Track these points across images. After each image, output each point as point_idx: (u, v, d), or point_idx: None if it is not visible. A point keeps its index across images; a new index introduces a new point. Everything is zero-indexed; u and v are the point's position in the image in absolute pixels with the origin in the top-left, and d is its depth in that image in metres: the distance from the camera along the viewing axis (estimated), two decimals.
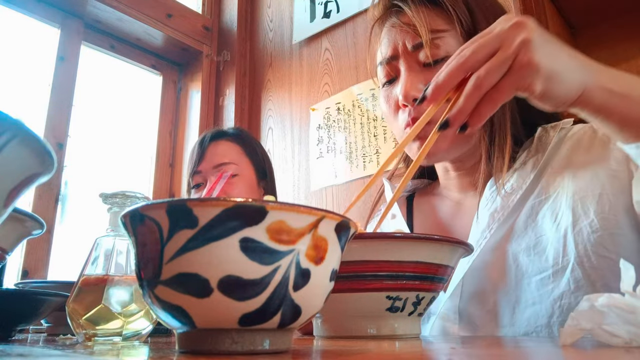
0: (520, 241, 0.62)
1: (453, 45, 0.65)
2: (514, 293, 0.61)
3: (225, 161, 1.18)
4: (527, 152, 0.66)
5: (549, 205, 0.62)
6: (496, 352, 0.35)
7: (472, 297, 0.64)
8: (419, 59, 0.66)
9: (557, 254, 0.58)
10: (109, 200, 0.53)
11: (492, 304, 0.63)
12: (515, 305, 0.61)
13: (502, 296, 0.62)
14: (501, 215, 0.63)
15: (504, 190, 0.64)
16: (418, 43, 0.65)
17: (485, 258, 0.64)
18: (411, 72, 0.66)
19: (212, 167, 1.18)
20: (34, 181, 0.27)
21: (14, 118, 0.23)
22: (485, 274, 0.64)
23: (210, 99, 2.13)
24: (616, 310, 0.33)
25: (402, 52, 0.67)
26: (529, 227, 0.62)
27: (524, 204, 0.64)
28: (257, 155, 1.26)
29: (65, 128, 1.72)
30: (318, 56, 1.91)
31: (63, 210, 1.69)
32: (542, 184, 0.64)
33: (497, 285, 0.63)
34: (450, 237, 0.50)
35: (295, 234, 0.28)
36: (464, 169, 0.73)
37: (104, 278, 0.49)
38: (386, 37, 0.70)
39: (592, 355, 0.31)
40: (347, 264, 0.46)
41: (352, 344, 0.39)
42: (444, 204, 0.77)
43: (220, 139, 1.23)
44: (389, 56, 0.69)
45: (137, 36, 2.01)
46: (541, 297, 0.59)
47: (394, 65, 0.69)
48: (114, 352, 0.35)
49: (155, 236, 0.28)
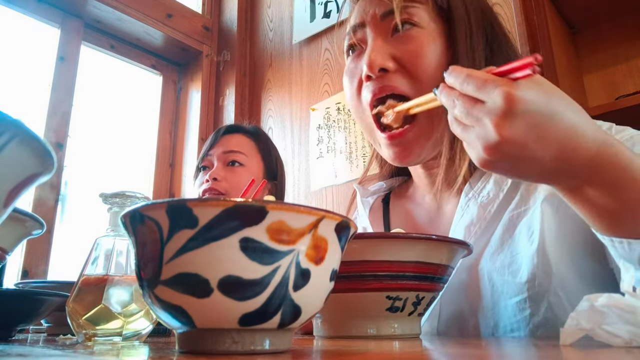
0: (494, 259, 0.58)
1: (424, 17, 0.62)
2: (492, 317, 0.57)
3: (235, 149, 1.20)
4: None
5: (527, 218, 0.57)
6: (496, 352, 0.35)
7: (451, 320, 0.61)
8: (388, 28, 0.62)
9: (532, 275, 0.54)
10: (109, 200, 0.53)
11: (472, 328, 0.59)
12: (493, 331, 0.57)
13: (481, 319, 0.58)
14: (478, 229, 0.59)
15: (480, 197, 0.60)
16: (388, 10, 0.62)
17: (461, 277, 0.60)
18: (378, 41, 0.62)
19: (222, 152, 1.20)
20: (34, 181, 0.27)
21: (14, 118, 0.23)
22: (463, 295, 0.60)
23: (210, 99, 2.13)
24: (616, 310, 0.33)
25: (370, 20, 0.63)
26: (505, 243, 0.58)
27: (501, 215, 0.59)
28: (270, 156, 1.27)
29: (65, 128, 1.72)
30: (318, 56, 1.91)
31: (63, 210, 1.69)
32: (522, 192, 0.59)
33: (475, 307, 0.59)
34: (451, 237, 0.50)
35: (295, 234, 0.28)
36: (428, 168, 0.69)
37: (104, 278, 0.49)
38: (357, 8, 0.66)
39: (592, 355, 0.31)
40: (347, 264, 0.46)
41: (352, 344, 0.39)
42: (420, 209, 0.73)
43: (237, 132, 1.26)
44: (357, 23, 0.65)
45: (137, 36, 2.01)
46: (519, 324, 0.55)
47: (361, 35, 0.65)
48: (114, 352, 0.35)
49: (155, 236, 0.28)
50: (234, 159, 1.19)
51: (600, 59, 1.52)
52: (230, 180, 1.16)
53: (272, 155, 1.28)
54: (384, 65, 0.60)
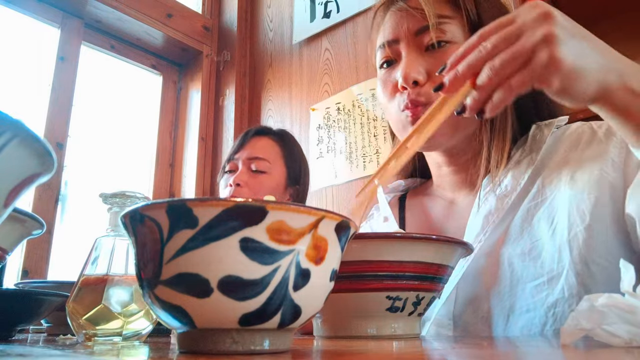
0: (515, 246, 0.61)
1: (457, 33, 0.65)
2: (508, 300, 0.60)
3: (260, 156, 1.22)
4: (521, 150, 0.65)
5: (545, 208, 0.60)
6: (496, 352, 0.35)
7: (466, 303, 0.63)
8: (422, 43, 0.66)
9: (553, 259, 0.57)
10: (109, 200, 0.53)
11: (486, 311, 0.62)
12: (509, 312, 0.60)
13: (496, 303, 0.61)
14: (496, 218, 0.62)
15: (499, 189, 0.63)
16: (423, 27, 0.65)
17: (479, 263, 0.63)
18: (412, 55, 0.65)
19: (247, 157, 1.23)
20: (34, 181, 0.27)
21: (14, 118, 0.23)
22: (480, 280, 0.63)
23: (210, 99, 2.13)
24: (616, 310, 0.33)
25: (404, 36, 0.67)
26: (525, 230, 0.61)
27: (519, 206, 0.62)
28: (294, 161, 1.28)
29: (65, 128, 1.73)
30: (318, 56, 1.91)
31: (63, 210, 1.69)
32: (539, 185, 0.62)
33: (491, 291, 0.62)
34: (451, 237, 0.50)
35: (295, 234, 0.28)
36: (457, 165, 0.71)
37: (104, 278, 0.49)
38: (390, 20, 0.69)
39: (592, 355, 0.31)
40: (347, 264, 0.46)
41: (352, 344, 0.39)
42: (436, 204, 0.76)
43: (264, 135, 1.28)
44: (391, 39, 0.68)
45: (137, 36, 2.01)
46: (535, 304, 0.58)
47: (395, 49, 0.68)
48: (114, 352, 0.35)
49: (155, 236, 0.28)
50: (257, 166, 1.21)
51: None
52: (252, 186, 1.19)
53: (296, 161, 1.29)
54: (417, 79, 0.64)
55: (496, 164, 0.64)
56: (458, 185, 0.73)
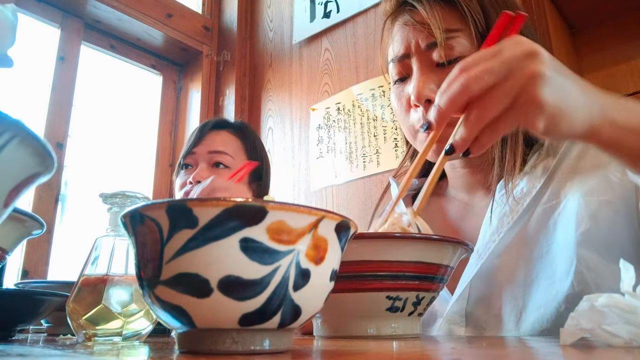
0: (532, 247, 0.62)
1: (466, 45, 0.65)
2: (521, 299, 0.61)
3: (222, 150, 1.14)
4: (537, 155, 0.66)
5: (560, 211, 0.61)
6: (496, 352, 0.35)
7: (479, 301, 0.64)
8: (432, 58, 0.66)
9: (565, 259, 0.58)
10: (109, 200, 0.53)
11: (498, 308, 0.63)
12: (522, 310, 0.61)
13: (509, 301, 0.62)
14: (510, 219, 0.63)
15: (512, 196, 0.63)
16: (432, 43, 0.65)
17: (493, 263, 0.64)
18: (424, 72, 0.66)
19: (207, 152, 1.14)
20: (34, 181, 0.27)
21: (14, 118, 0.23)
22: (493, 279, 0.64)
23: (210, 99, 2.13)
24: (616, 310, 0.33)
25: (414, 51, 0.67)
26: (540, 233, 0.62)
27: (534, 209, 0.63)
28: (255, 155, 1.21)
29: (65, 128, 1.72)
30: (318, 56, 1.91)
31: (63, 210, 1.69)
32: (552, 188, 0.63)
33: (504, 290, 0.63)
34: (450, 237, 0.50)
35: (295, 234, 0.28)
36: (471, 167, 0.72)
37: (104, 278, 0.49)
38: (398, 34, 0.69)
39: (592, 355, 0.31)
40: (347, 264, 0.46)
41: (352, 344, 0.39)
42: (451, 205, 0.77)
43: (223, 129, 1.20)
44: (402, 54, 0.68)
45: (137, 36, 2.01)
46: (546, 301, 0.59)
47: (406, 64, 0.68)
48: (114, 352, 0.35)
49: (155, 236, 0.28)
50: (218, 161, 1.13)
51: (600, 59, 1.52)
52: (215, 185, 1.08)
53: (257, 155, 1.22)
54: (430, 97, 0.64)
55: (511, 167, 0.64)
56: (472, 187, 0.74)
